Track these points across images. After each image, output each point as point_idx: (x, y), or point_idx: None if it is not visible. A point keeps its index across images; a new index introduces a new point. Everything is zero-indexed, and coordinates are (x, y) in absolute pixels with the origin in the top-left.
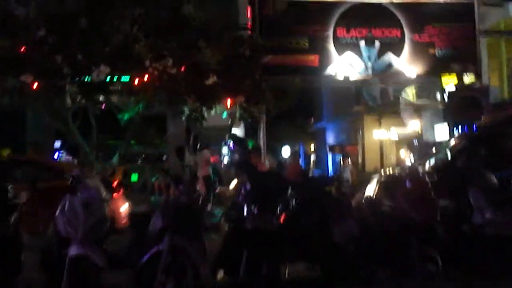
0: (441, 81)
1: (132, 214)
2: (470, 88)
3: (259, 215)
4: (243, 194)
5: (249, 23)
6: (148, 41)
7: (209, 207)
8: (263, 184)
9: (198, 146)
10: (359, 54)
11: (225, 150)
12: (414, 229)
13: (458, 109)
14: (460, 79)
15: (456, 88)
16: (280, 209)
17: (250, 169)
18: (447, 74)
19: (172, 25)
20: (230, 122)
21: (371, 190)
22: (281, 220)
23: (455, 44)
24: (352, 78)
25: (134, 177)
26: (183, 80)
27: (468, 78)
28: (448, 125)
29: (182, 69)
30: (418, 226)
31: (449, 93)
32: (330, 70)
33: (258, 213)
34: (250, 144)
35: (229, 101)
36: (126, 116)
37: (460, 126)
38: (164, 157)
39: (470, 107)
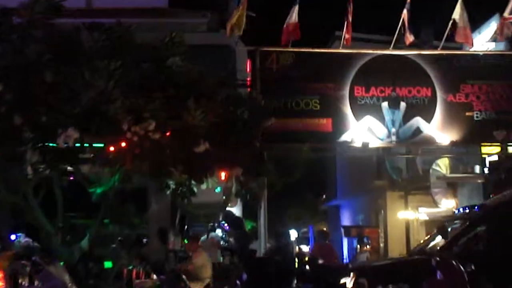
0: (480, 150)
1: None
2: None
3: None
4: (238, 286)
5: (249, 78)
6: (127, 100)
7: None
8: (264, 274)
9: (185, 227)
10: (381, 117)
11: (218, 232)
12: None
13: (502, 185)
14: (504, 148)
15: (499, 159)
16: None
17: (248, 256)
18: (488, 142)
19: (155, 81)
20: (224, 198)
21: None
22: None
23: (498, 105)
24: (372, 146)
25: (108, 264)
26: (168, 147)
27: None
28: None
29: (167, 134)
30: None
31: (491, 165)
32: (345, 137)
33: None
34: (248, 226)
35: (223, 173)
36: (98, 190)
37: None
38: (145, 240)
39: None
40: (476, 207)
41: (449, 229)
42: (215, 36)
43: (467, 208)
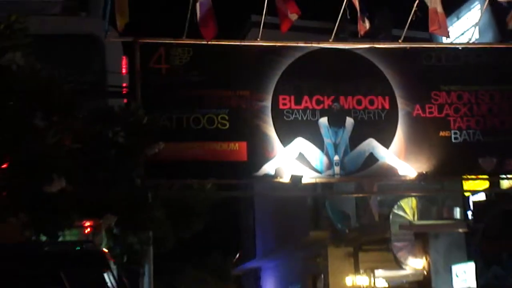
0: (462, 186)
1: None
2: None
3: None
4: None
5: (125, 84)
6: None
7: None
8: None
9: None
10: (319, 140)
11: None
12: None
13: (494, 235)
14: (494, 182)
15: (487, 199)
16: None
17: None
18: (472, 174)
19: None
20: None
21: None
22: None
23: (486, 121)
24: (306, 182)
25: None
26: (5, 186)
27: (509, 181)
28: (476, 264)
29: (3, 166)
30: None
31: (476, 207)
32: (267, 169)
33: None
34: None
35: (88, 224)
36: None
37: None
38: None
39: None
40: None
41: None
42: (73, 22)
43: None
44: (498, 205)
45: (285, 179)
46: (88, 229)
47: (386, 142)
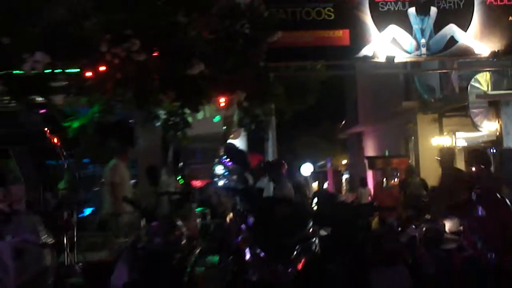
0: None
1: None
2: None
3: (268, 262)
4: (244, 231)
5: None
6: (103, 16)
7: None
8: (273, 216)
9: (180, 165)
10: (408, 26)
11: (219, 169)
12: (494, 278)
13: None
14: None
15: None
16: (297, 253)
17: (255, 195)
18: None
19: None
20: (225, 129)
21: None
22: (299, 267)
23: None
24: (398, 61)
25: (89, 211)
26: (156, 70)
27: None
28: None
29: (155, 54)
30: (499, 275)
31: None
32: (366, 51)
33: (267, 259)
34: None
35: (222, 99)
36: (75, 125)
37: None
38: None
39: None
40: None
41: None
42: None
43: None
44: None
45: (381, 59)
46: (223, 104)
47: (464, 26)
